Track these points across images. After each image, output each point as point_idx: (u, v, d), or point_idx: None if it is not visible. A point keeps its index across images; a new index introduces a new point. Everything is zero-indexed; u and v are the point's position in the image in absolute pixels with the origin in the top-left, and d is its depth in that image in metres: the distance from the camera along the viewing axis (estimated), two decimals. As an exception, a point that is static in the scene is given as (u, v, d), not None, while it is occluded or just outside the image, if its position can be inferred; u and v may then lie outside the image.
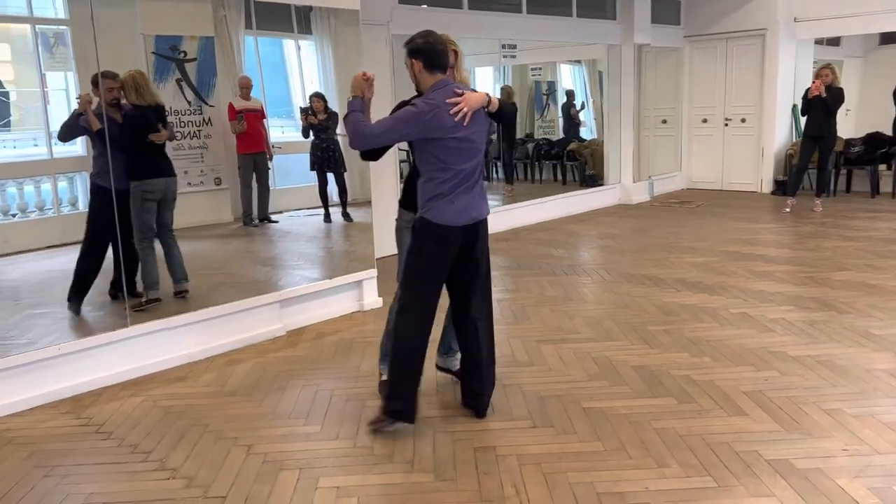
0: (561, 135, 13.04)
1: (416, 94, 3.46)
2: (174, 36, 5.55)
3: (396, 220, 3.66)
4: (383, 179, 7.04)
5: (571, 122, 12.85)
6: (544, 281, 6.13)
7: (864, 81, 12.89)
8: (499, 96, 3.51)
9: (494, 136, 12.23)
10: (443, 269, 3.32)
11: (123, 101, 4.58)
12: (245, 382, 4.05)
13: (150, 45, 5.42)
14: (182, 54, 5.58)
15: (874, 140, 10.02)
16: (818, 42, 11.20)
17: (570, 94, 13.58)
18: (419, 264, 3.32)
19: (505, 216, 8.78)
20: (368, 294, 5.45)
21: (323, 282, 5.24)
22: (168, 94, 5.38)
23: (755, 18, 10.29)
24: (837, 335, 4.46)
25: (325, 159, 6.56)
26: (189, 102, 5.66)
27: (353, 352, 4.52)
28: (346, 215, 6.65)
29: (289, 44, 6.88)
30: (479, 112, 3.27)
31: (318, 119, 6.34)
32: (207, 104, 5.73)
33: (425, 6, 7.59)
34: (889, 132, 10.18)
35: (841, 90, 8.47)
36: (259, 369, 4.25)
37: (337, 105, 6.36)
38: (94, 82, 4.48)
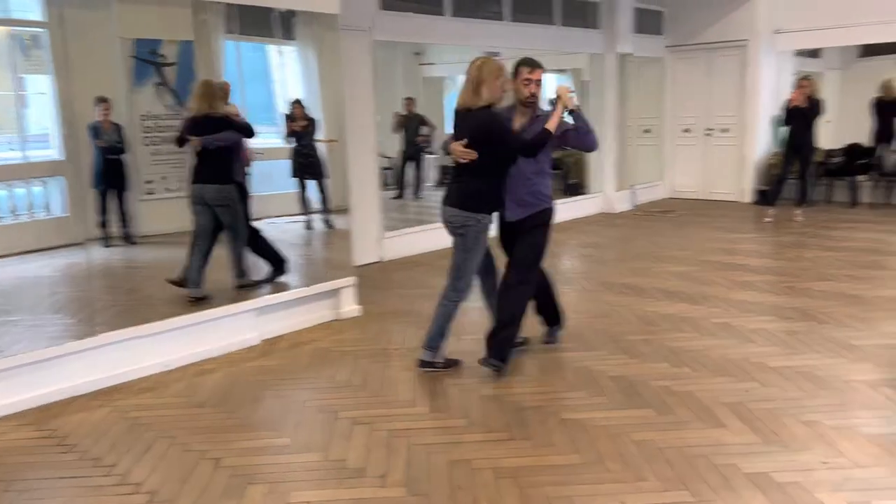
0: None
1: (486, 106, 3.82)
2: (153, 39, 5.47)
3: (469, 224, 3.94)
4: (364, 186, 6.98)
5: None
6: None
7: (843, 93, 13.00)
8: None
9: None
10: None
11: None
12: (216, 393, 3.96)
13: (129, 48, 5.33)
14: (161, 58, 5.49)
15: (853, 151, 10.09)
16: (798, 54, 11.28)
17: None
18: (546, 247, 4.19)
19: (487, 224, 8.73)
20: (346, 302, 5.37)
21: (300, 290, 5.16)
22: (146, 99, 5.29)
23: (736, 30, 10.35)
24: (817, 346, 4.44)
25: (306, 166, 6.49)
26: (167, 107, 5.57)
27: (328, 361, 4.44)
28: (327, 222, 6.57)
29: (273, 49, 6.81)
30: None
31: (298, 125, 6.28)
32: (186, 109, 5.65)
33: (409, 13, 7.55)
34: (868, 143, 10.26)
35: (820, 101, 8.52)
36: (231, 379, 4.16)
37: (321, 112, 6.30)
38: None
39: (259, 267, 5.32)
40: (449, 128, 14.33)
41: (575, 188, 10.94)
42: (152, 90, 5.41)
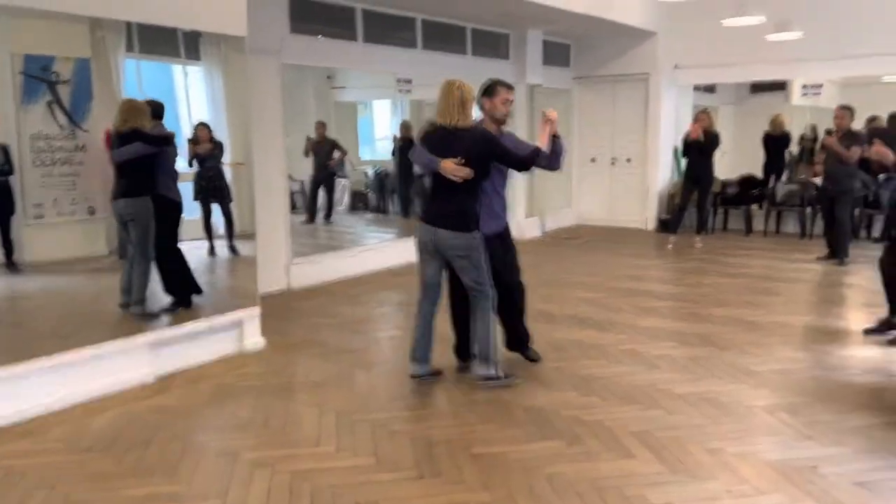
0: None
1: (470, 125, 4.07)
2: (46, 56, 5.14)
3: (473, 245, 4.09)
4: (271, 211, 6.77)
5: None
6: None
7: (737, 127, 13.76)
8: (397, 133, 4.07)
9: (391, 170, 12.19)
10: None
11: None
12: (104, 436, 3.67)
13: (19, 64, 4.99)
14: (54, 75, 5.16)
15: (747, 182, 10.64)
16: (696, 88, 11.86)
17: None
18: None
19: (400, 250, 8.64)
20: (250, 334, 5.14)
21: (200, 321, 4.90)
22: (37, 118, 4.95)
23: (639, 63, 10.79)
24: (719, 371, 4.57)
25: (211, 189, 6.24)
26: (61, 127, 5.23)
27: (229, 398, 4.22)
28: (232, 248, 6.32)
29: (178, 70, 6.54)
30: None
31: (202, 148, 6.03)
32: (82, 129, 5.32)
33: (320, 36, 7.45)
34: (760, 175, 10.85)
35: (717, 134, 8.94)
36: (122, 421, 3.87)
37: (227, 135, 6.07)
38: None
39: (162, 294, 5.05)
40: (364, 152, 14.32)
41: (486, 215, 11.02)
42: (44, 109, 5.08)
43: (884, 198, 9.05)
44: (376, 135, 14.75)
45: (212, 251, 6.33)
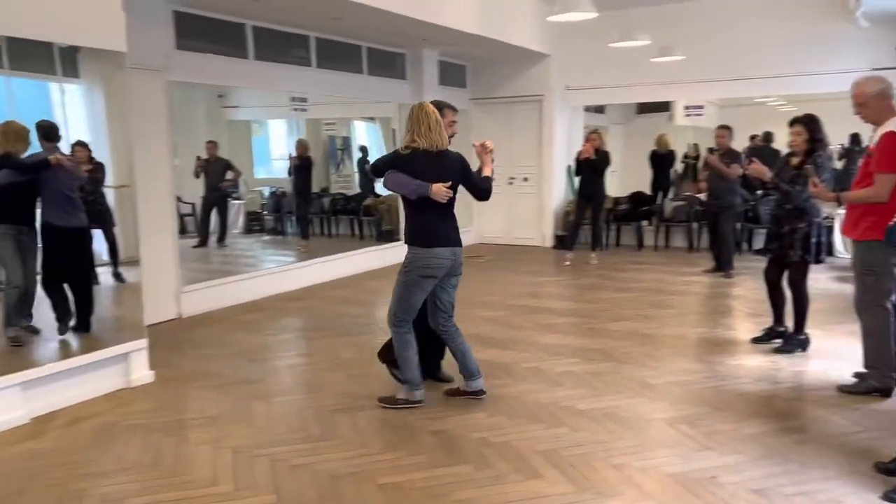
0: (357, 189, 13.01)
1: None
2: None
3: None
4: (158, 235, 6.41)
5: (367, 178, 12.89)
6: (340, 342, 5.85)
7: (626, 146, 14.37)
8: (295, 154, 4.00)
9: (287, 190, 11.91)
10: None
11: None
12: (-33, 490, 3.30)
13: None
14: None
15: (637, 199, 11.09)
16: (587, 109, 12.29)
17: (364, 150, 13.66)
18: None
19: (299, 273, 8.42)
20: (137, 368, 4.80)
21: (79, 357, 4.53)
22: None
23: (533, 85, 11.05)
24: (620, 386, 4.65)
25: (91, 213, 5.82)
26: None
27: (114, 439, 3.90)
28: (117, 276, 5.92)
29: (55, 87, 6.09)
30: None
31: (79, 170, 5.62)
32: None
33: (208, 54, 7.17)
34: (649, 192, 11.34)
35: (607, 153, 9.26)
36: (-11, 471, 3.50)
37: (109, 155, 5.70)
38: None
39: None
40: (260, 171, 13.91)
41: (389, 234, 10.94)
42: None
43: (763, 212, 9.64)
44: (273, 154, 14.42)
45: (95, 279, 5.91)
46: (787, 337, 5.35)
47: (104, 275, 5.93)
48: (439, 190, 4.06)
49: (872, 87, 4.11)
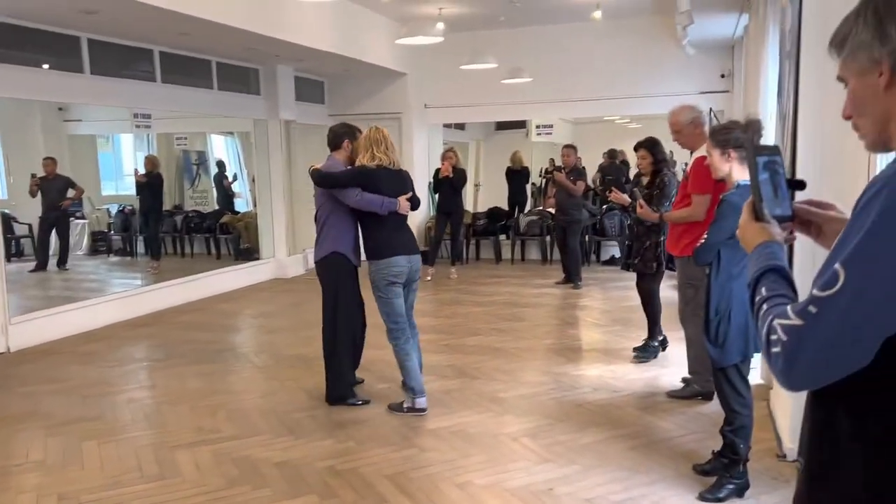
0: (215, 206, 12.55)
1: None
2: None
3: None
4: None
5: (225, 194, 12.47)
6: (187, 372, 5.60)
7: (486, 161, 14.80)
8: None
9: (132, 207, 11.28)
10: None
11: None
12: None
13: None
14: None
15: (495, 214, 11.42)
16: (447, 126, 12.54)
17: (221, 165, 13.20)
18: None
19: (147, 297, 7.98)
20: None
21: None
22: None
23: (391, 103, 11.13)
24: (469, 402, 4.76)
25: None
26: None
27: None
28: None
29: None
30: None
31: None
32: None
33: (40, 67, 6.68)
34: (506, 207, 11.72)
35: (464, 171, 9.51)
36: None
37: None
38: None
39: None
40: (108, 188, 13.09)
41: (248, 253, 10.64)
42: None
43: (608, 226, 10.22)
44: (124, 170, 13.62)
45: None
46: (643, 346, 5.66)
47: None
48: (404, 203, 4.47)
49: (686, 116, 4.48)
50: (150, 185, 10.33)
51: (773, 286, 1.26)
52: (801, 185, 1.45)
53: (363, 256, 4.66)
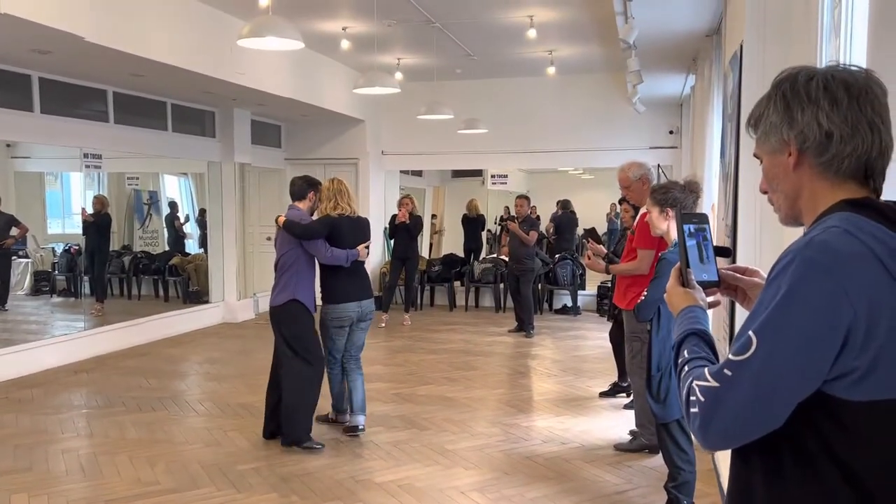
0: (165, 247, 12.32)
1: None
2: None
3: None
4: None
5: (176, 235, 12.26)
6: (127, 420, 5.42)
7: (443, 208, 14.91)
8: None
9: (79, 247, 11.00)
10: None
11: None
12: None
13: None
14: None
15: (450, 260, 11.47)
16: (404, 172, 12.62)
17: (173, 206, 13.01)
18: None
19: (90, 341, 7.74)
20: None
21: None
22: None
23: (349, 149, 11.19)
24: (418, 454, 4.70)
25: None
26: None
27: None
28: None
29: None
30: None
31: None
32: None
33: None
34: (461, 253, 11.79)
35: (420, 218, 9.55)
36: None
37: None
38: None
39: None
40: (55, 226, 12.75)
41: (196, 296, 10.43)
42: None
43: (560, 275, 10.34)
44: (72, 209, 13.31)
45: None
46: (622, 388, 5.74)
47: None
48: (363, 251, 4.85)
49: (634, 173, 4.61)
50: (97, 224, 10.08)
51: (695, 349, 1.31)
52: (726, 252, 1.51)
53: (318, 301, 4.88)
